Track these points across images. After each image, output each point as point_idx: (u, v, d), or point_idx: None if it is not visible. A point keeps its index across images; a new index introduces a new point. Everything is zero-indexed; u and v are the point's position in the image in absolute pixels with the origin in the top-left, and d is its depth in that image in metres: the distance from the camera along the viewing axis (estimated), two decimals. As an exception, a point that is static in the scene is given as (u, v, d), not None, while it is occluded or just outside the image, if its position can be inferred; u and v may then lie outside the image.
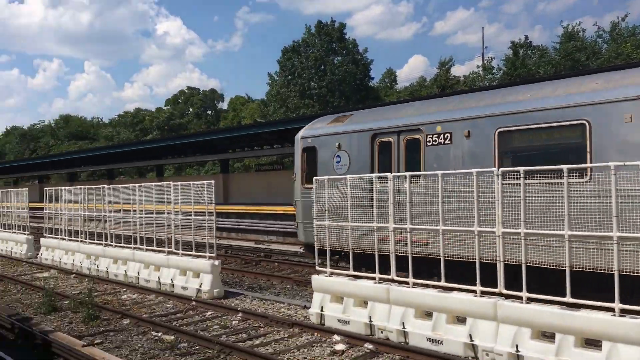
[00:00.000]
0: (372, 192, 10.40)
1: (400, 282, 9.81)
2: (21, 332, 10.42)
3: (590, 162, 9.22)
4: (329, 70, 52.27)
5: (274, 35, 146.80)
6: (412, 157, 12.14)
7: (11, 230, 24.18)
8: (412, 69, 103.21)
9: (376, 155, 12.86)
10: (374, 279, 10.18)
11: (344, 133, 13.67)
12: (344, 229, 10.67)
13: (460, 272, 9.00)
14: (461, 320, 8.84)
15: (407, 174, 9.95)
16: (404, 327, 9.36)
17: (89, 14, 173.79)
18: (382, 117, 13.45)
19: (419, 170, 11.42)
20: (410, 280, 9.59)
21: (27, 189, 24.73)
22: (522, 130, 10.38)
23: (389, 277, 9.96)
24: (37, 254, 21.78)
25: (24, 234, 23.13)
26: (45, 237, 21.47)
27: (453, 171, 9.77)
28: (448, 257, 9.11)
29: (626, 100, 9.16)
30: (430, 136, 11.69)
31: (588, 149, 9.43)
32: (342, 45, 53.58)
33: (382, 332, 9.73)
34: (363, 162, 13.00)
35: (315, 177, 11.36)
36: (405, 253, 9.69)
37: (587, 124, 9.48)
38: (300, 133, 14.98)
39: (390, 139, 12.57)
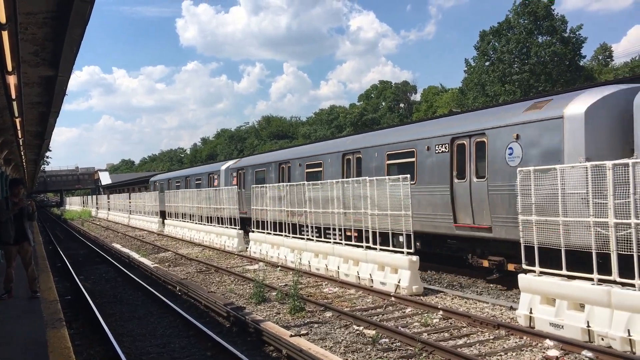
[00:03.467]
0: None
1: (623, 284, 8.71)
2: (235, 321, 11.20)
3: None
4: (533, 52, 48.71)
5: (470, 19, 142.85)
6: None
7: (224, 225, 26.49)
8: (633, 42, 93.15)
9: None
10: (591, 279, 9.17)
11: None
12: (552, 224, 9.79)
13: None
14: None
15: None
16: (629, 335, 8.29)
17: (287, 16, 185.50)
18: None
19: None
20: (637, 282, 8.45)
21: (236, 186, 26.91)
22: None
23: (610, 278, 8.88)
24: (247, 248, 23.55)
25: (235, 228, 25.18)
26: (253, 231, 23.08)
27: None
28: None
29: None
30: None
31: None
32: (549, 23, 49.37)
33: (602, 339, 8.73)
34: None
35: (519, 169, 10.60)
36: (629, 252, 8.56)
37: None
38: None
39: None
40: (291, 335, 9.77)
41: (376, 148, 18.10)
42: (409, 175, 13.72)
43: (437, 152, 15.26)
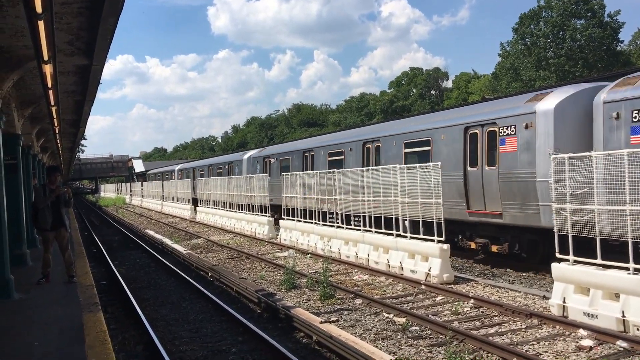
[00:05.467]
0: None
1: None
2: (266, 307, 11.32)
3: None
4: (568, 36, 47.65)
5: (506, 3, 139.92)
6: None
7: (255, 213, 26.70)
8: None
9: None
10: (627, 269, 8.99)
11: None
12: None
13: None
14: None
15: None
16: (667, 326, 8.15)
17: (318, 3, 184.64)
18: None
19: None
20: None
21: (266, 174, 27.04)
22: None
23: (647, 267, 8.70)
24: (277, 235, 23.71)
25: (266, 216, 25.36)
26: (283, 219, 23.21)
27: None
28: None
29: None
30: None
31: None
32: (587, 7, 48.12)
33: (638, 330, 8.57)
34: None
35: (553, 155, 10.41)
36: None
37: None
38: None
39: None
40: (321, 322, 9.84)
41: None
42: (439, 163, 13.70)
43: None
